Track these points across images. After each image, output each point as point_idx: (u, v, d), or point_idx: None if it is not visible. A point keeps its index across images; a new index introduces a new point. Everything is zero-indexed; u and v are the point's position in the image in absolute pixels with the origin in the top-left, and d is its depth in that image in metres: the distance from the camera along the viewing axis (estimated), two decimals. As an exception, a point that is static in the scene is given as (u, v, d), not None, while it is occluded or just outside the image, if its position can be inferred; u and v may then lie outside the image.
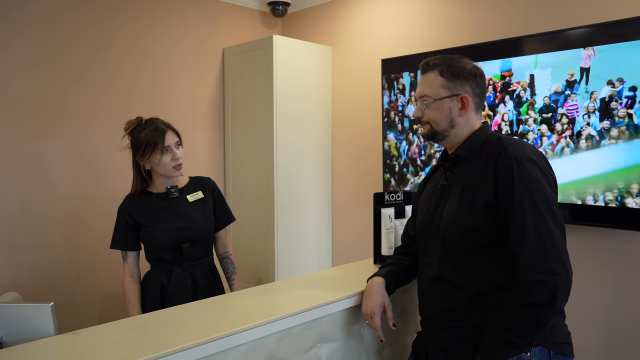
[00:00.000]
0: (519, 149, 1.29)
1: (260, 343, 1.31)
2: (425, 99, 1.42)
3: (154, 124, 1.91)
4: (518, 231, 1.22)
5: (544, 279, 1.17)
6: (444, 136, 1.43)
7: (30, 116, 2.72)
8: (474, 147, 1.39)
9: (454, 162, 1.44)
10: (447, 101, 1.39)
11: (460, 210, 1.33)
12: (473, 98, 1.40)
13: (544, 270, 1.18)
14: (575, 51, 2.24)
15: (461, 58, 1.42)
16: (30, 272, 2.72)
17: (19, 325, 1.26)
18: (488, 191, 1.28)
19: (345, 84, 3.46)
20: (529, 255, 1.20)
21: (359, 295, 1.55)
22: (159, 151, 1.87)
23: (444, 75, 1.39)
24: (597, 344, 2.32)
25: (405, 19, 3.08)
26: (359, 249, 3.37)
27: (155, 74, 3.21)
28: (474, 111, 1.42)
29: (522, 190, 1.23)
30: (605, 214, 2.17)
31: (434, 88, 1.40)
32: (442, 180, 1.46)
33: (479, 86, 1.41)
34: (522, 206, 1.22)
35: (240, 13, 3.64)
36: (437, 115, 1.41)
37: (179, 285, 1.92)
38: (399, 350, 1.73)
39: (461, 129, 1.41)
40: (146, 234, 1.92)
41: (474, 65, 1.43)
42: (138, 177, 1.95)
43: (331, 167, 3.59)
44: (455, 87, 1.39)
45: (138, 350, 1.14)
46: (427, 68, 1.43)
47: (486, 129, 1.43)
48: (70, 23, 2.84)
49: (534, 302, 1.18)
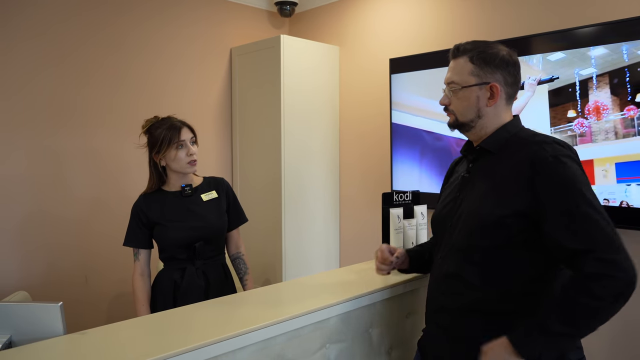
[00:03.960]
0: (556, 148, 1.21)
1: (269, 344, 1.31)
2: (452, 85, 1.35)
3: (169, 121, 1.96)
4: (583, 231, 1.13)
5: (617, 274, 1.10)
6: (470, 127, 1.35)
7: (43, 117, 2.73)
8: (502, 141, 1.32)
9: (478, 155, 1.37)
10: (476, 89, 1.31)
11: (481, 207, 1.27)
12: (504, 87, 1.32)
13: (618, 266, 1.11)
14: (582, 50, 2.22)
15: (495, 44, 1.34)
16: (40, 272, 2.73)
17: (27, 324, 1.26)
18: (523, 197, 1.20)
19: (353, 83, 3.45)
20: (604, 249, 1.12)
21: (367, 296, 1.54)
22: (174, 146, 1.90)
23: (474, 62, 1.31)
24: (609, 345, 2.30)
25: (413, 18, 3.07)
26: (367, 248, 3.36)
27: (164, 74, 3.21)
28: (504, 102, 1.33)
29: (575, 194, 1.16)
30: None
31: (462, 75, 1.32)
32: (464, 172, 1.40)
33: (511, 75, 1.32)
34: (580, 209, 1.14)
35: (248, 13, 3.64)
36: (464, 104, 1.33)
37: (191, 283, 1.93)
38: (408, 350, 1.72)
39: (489, 121, 1.33)
40: (160, 232, 1.94)
41: (508, 51, 1.33)
42: (154, 175, 1.97)
43: (338, 166, 3.58)
44: (485, 74, 1.30)
45: (146, 350, 1.14)
46: (457, 53, 1.35)
47: (517, 123, 1.35)
48: (81, 26, 2.86)
49: (600, 295, 1.10)
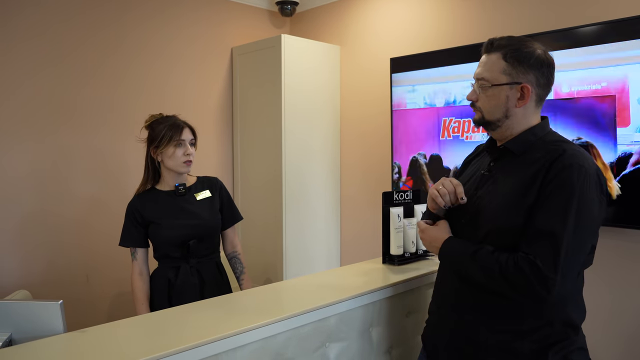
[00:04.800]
0: (578, 159, 1.18)
1: (268, 342, 1.31)
2: (482, 82, 1.30)
3: (173, 119, 1.98)
4: (544, 236, 1.14)
5: (537, 288, 1.13)
6: (496, 126, 1.31)
7: (44, 117, 2.74)
8: (528, 145, 1.27)
9: (500, 154, 1.33)
10: (506, 88, 1.26)
11: (499, 212, 1.24)
12: (536, 89, 1.27)
13: (547, 283, 1.12)
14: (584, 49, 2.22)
15: (531, 42, 1.28)
16: (41, 271, 2.74)
17: (28, 322, 1.27)
18: (533, 195, 1.19)
19: (354, 83, 3.45)
20: (547, 265, 1.13)
21: (367, 295, 1.54)
22: (173, 143, 1.92)
23: (507, 60, 1.26)
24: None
25: (414, 18, 3.06)
26: (368, 247, 3.36)
27: (165, 74, 3.22)
28: (534, 103, 1.29)
29: (568, 206, 1.14)
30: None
31: (493, 72, 1.27)
32: (484, 170, 1.36)
33: (544, 76, 1.27)
34: (558, 224, 1.13)
35: (249, 13, 3.64)
36: (492, 102, 1.29)
37: (186, 282, 1.94)
38: (408, 350, 1.72)
39: (517, 122, 1.29)
40: (154, 230, 1.95)
41: (544, 51, 1.28)
42: (149, 170, 1.99)
43: (339, 165, 3.58)
44: (517, 74, 1.25)
45: (146, 348, 1.14)
46: (490, 48, 1.30)
47: (544, 126, 1.30)
48: (81, 26, 2.86)
49: (514, 285, 1.16)
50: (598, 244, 1.26)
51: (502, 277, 1.18)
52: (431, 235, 1.37)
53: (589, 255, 1.24)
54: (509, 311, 1.24)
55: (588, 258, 1.24)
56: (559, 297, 1.17)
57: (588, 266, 1.27)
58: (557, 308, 1.22)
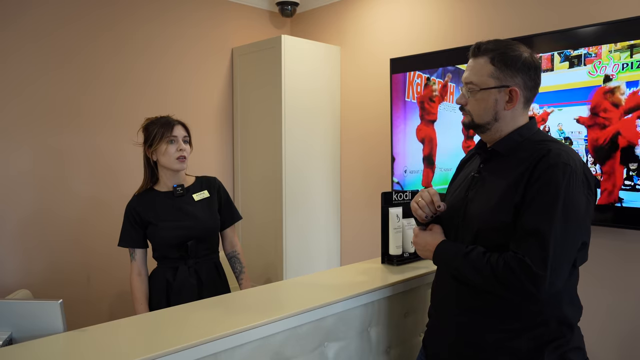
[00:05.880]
0: (561, 155, 1.20)
1: (267, 341, 1.31)
2: (470, 86, 1.31)
3: (166, 118, 2.00)
4: (532, 236, 1.16)
5: (528, 286, 1.15)
6: (485, 129, 1.33)
7: (46, 118, 2.75)
8: (515, 145, 1.30)
9: (490, 155, 1.36)
10: (494, 92, 1.28)
11: (487, 212, 1.27)
12: (523, 91, 1.29)
13: (538, 281, 1.14)
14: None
15: (517, 45, 1.31)
16: (41, 271, 2.75)
17: (28, 322, 1.27)
18: (519, 194, 1.21)
19: (354, 84, 3.46)
20: (536, 263, 1.14)
21: (366, 294, 1.55)
22: (165, 140, 1.93)
23: (494, 64, 1.28)
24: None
25: (414, 19, 3.07)
26: (367, 247, 3.37)
27: (166, 75, 3.23)
28: (522, 105, 1.31)
29: (554, 204, 1.16)
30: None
31: (481, 76, 1.29)
32: (474, 172, 1.39)
33: (532, 79, 1.29)
34: (545, 223, 1.15)
35: (249, 13, 3.65)
36: (481, 106, 1.31)
37: (184, 282, 1.94)
38: (407, 350, 1.72)
39: (505, 124, 1.31)
40: (153, 231, 1.95)
41: (530, 54, 1.30)
42: (147, 170, 2.00)
43: (339, 165, 3.59)
44: (505, 77, 1.27)
45: (145, 347, 1.15)
46: (477, 52, 1.32)
47: (531, 127, 1.33)
48: (84, 27, 2.87)
49: (505, 283, 1.17)
50: (598, 244, 1.27)
51: (493, 276, 1.19)
52: (424, 240, 1.40)
53: (581, 251, 1.25)
54: (505, 310, 1.25)
55: (581, 255, 1.25)
56: (553, 294, 1.18)
57: (582, 263, 1.28)
58: (551, 306, 1.23)
